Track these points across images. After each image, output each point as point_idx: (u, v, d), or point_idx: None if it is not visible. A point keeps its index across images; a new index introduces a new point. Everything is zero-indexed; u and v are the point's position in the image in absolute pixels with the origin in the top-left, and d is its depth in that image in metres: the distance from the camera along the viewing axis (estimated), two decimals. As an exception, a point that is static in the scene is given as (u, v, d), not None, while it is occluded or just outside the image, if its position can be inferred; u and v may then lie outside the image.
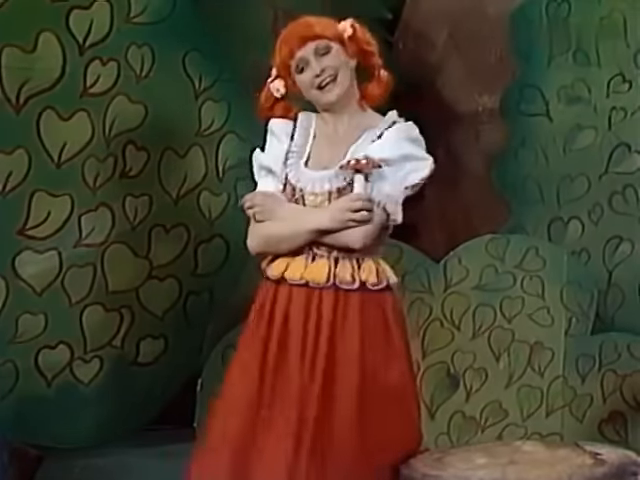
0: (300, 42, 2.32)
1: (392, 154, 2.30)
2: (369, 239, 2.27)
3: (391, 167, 2.28)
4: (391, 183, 2.28)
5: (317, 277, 2.27)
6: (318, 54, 2.33)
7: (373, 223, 2.25)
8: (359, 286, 2.26)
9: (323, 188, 2.31)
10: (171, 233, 3.17)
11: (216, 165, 3.20)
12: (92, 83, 3.00)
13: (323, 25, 2.33)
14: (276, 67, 2.42)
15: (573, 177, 3.57)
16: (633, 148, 3.50)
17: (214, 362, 3.34)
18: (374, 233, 2.27)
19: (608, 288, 3.51)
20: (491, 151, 3.60)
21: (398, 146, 2.31)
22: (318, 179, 2.32)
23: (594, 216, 3.56)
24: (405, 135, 2.34)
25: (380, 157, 2.27)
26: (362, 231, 2.25)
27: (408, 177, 2.30)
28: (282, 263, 2.33)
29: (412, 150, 2.31)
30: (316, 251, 2.29)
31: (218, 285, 3.26)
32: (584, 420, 3.37)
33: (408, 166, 2.30)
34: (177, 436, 3.29)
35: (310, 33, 2.32)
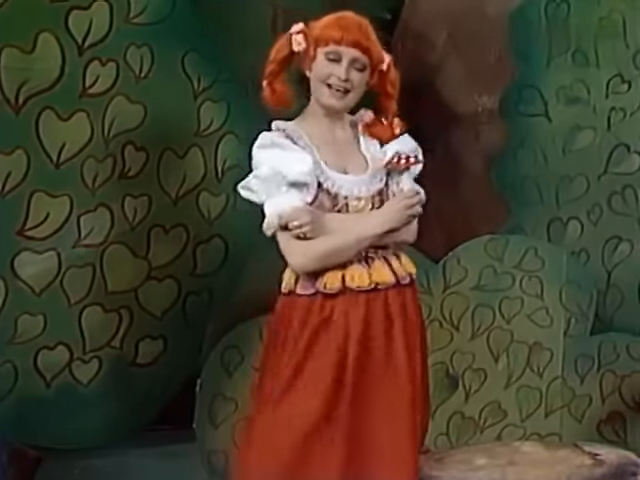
0: (353, 43, 2.33)
1: (407, 148, 2.41)
2: (417, 231, 2.40)
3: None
4: (409, 175, 2.39)
5: (385, 279, 2.33)
6: (353, 64, 2.34)
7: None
8: (410, 280, 2.35)
9: (367, 192, 2.35)
10: (170, 233, 3.17)
11: (215, 165, 3.20)
12: (91, 83, 3.00)
13: (376, 45, 2.36)
14: (312, 28, 2.40)
15: (572, 177, 3.57)
16: (632, 148, 3.50)
17: (213, 362, 3.36)
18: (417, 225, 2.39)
19: (607, 288, 3.51)
20: (490, 151, 3.59)
21: (405, 140, 2.42)
22: (357, 183, 2.35)
23: (593, 216, 3.56)
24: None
25: (409, 149, 2.40)
26: (414, 224, 2.36)
27: (415, 170, 2.41)
28: (336, 275, 2.34)
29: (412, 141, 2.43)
30: (369, 254, 2.34)
31: (217, 285, 3.26)
32: (583, 420, 3.38)
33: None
34: (176, 436, 3.33)
35: (365, 44, 2.34)
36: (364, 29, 2.35)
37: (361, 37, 2.33)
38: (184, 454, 3.30)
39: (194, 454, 3.31)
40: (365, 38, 2.34)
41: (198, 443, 3.33)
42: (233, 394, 3.33)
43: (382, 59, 2.38)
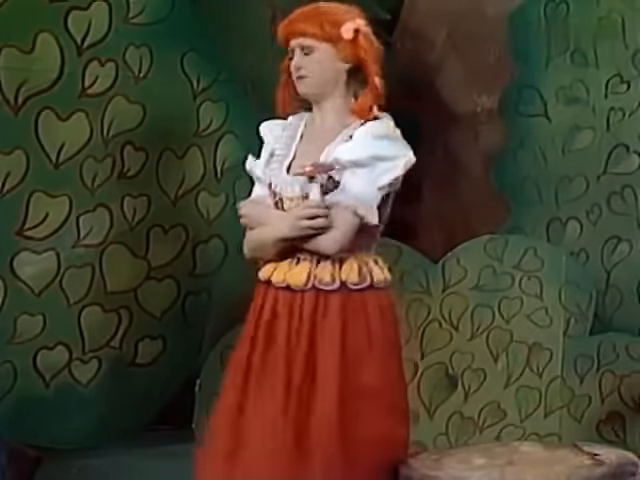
0: (292, 33, 2.33)
1: (361, 155, 2.29)
2: (341, 244, 2.27)
3: (362, 168, 2.27)
4: (362, 185, 2.27)
5: (297, 280, 2.31)
6: (303, 51, 2.34)
7: (343, 227, 2.25)
8: (339, 286, 2.28)
9: (295, 192, 2.32)
10: (169, 233, 3.16)
11: (214, 165, 3.19)
12: (90, 84, 3.00)
13: (319, 22, 2.31)
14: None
15: (571, 177, 3.56)
16: (631, 148, 3.50)
17: (213, 362, 3.33)
18: (345, 237, 2.27)
19: (606, 288, 3.51)
20: (490, 151, 3.59)
21: (367, 146, 2.29)
22: (291, 183, 2.33)
23: (592, 216, 3.56)
24: (375, 133, 2.31)
25: (349, 159, 2.26)
26: (331, 237, 2.27)
27: (381, 178, 2.28)
28: (270, 267, 2.38)
29: (383, 149, 2.29)
30: (299, 255, 2.32)
31: (216, 285, 3.26)
32: (582, 421, 3.37)
33: (380, 166, 2.29)
34: (176, 437, 3.29)
35: (302, 28, 2.31)
36: (305, 13, 2.33)
37: (298, 23, 2.32)
38: (183, 454, 3.11)
39: (193, 454, 3.10)
40: (302, 20, 2.31)
41: (197, 443, 3.14)
42: None
43: (340, 30, 2.30)
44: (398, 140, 2.33)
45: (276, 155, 2.40)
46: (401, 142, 2.32)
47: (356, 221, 2.25)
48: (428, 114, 3.60)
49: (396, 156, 2.29)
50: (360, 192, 2.26)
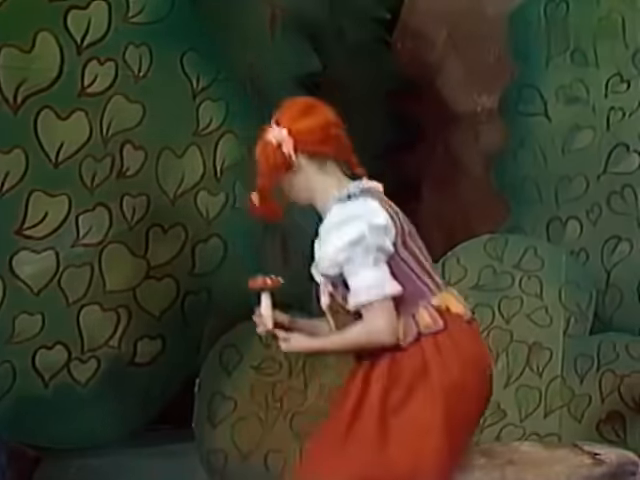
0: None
1: (331, 262, 2.32)
2: (390, 330, 2.32)
3: (347, 263, 2.30)
4: (360, 272, 2.29)
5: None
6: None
7: (381, 317, 2.30)
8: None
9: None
10: (168, 233, 3.16)
11: (214, 165, 3.19)
12: (90, 83, 2.99)
13: (263, 167, 2.35)
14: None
15: (571, 177, 3.56)
16: (631, 148, 3.49)
17: (212, 362, 3.36)
18: (389, 323, 2.32)
19: (606, 288, 3.51)
20: (490, 151, 3.59)
21: (329, 250, 2.32)
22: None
23: (592, 216, 3.55)
24: (329, 230, 2.33)
25: (327, 271, 2.32)
26: (381, 331, 2.31)
27: (367, 260, 2.29)
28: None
29: (341, 239, 2.30)
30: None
31: (216, 285, 3.25)
32: (582, 420, 3.36)
33: (356, 253, 2.30)
34: (175, 436, 3.33)
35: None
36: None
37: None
38: (183, 453, 3.29)
39: (193, 453, 3.31)
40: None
41: (197, 442, 3.33)
42: (232, 393, 3.33)
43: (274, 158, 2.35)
44: (351, 216, 2.32)
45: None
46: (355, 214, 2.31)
47: (386, 303, 2.30)
48: (428, 114, 3.60)
49: (360, 235, 2.30)
50: (364, 279, 2.29)
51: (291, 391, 3.34)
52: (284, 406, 3.33)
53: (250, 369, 3.34)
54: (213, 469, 3.35)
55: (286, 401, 3.33)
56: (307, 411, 3.32)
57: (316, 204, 2.40)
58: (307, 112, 2.36)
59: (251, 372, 3.34)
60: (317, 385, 3.35)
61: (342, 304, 2.36)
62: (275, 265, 3.49)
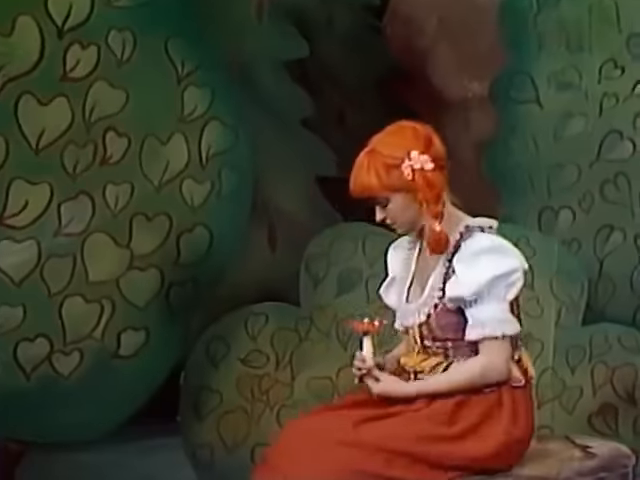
0: (359, 193, 2.31)
1: (474, 288, 2.28)
2: (504, 370, 2.32)
3: (485, 295, 2.28)
4: (493, 307, 2.28)
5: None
6: (379, 204, 2.34)
7: (499, 355, 2.30)
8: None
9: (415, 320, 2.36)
10: (153, 222, 3.12)
11: (199, 152, 3.15)
12: (72, 67, 2.95)
13: (376, 174, 2.28)
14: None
15: (563, 165, 3.53)
16: (625, 135, 3.46)
17: (198, 354, 3.35)
18: (504, 363, 2.31)
19: (599, 278, 3.49)
20: (480, 139, 3.56)
21: (477, 274, 2.29)
22: (412, 312, 2.37)
23: (585, 205, 3.53)
24: (477, 255, 2.30)
25: (470, 293, 2.27)
26: (496, 370, 2.31)
27: (506, 295, 2.29)
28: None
29: (496, 267, 2.28)
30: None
31: (202, 275, 3.22)
32: (574, 413, 3.34)
33: (500, 284, 2.29)
34: (161, 430, 3.30)
35: (361, 189, 2.30)
36: (360, 165, 2.31)
37: (359, 179, 2.31)
38: (169, 448, 3.28)
39: (179, 448, 3.30)
40: (361, 175, 2.30)
41: (183, 437, 3.32)
42: (218, 386, 3.32)
43: (397, 174, 2.29)
44: (502, 246, 2.33)
45: (397, 280, 2.43)
46: (505, 249, 2.31)
47: (507, 342, 2.29)
48: (418, 101, 3.57)
49: (512, 269, 2.29)
50: (494, 314, 2.28)
51: (278, 384, 3.32)
52: (271, 399, 3.32)
53: (237, 362, 3.33)
54: (200, 463, 3.33)
55: (273, 394, 3.32)
56: (294, 405, 3.30)
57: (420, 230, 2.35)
58: (432, 137, 2.35)
59: (238, 365, 3.32)
60: (304, 378, 3.33)
61: (434, 330, 2.32)
62: (262, 255, 3.49)
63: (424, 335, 2.35)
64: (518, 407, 2.34)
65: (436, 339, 2.34)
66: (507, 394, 2.33)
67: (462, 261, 2.31)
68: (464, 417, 2.29)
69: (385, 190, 2.29)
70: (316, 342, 3.35)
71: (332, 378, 3.31)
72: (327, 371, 3.31)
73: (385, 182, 2.28)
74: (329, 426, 2.27)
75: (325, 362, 3.31)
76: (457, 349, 2.34)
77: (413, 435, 2.25)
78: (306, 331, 3.36)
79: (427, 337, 2.35)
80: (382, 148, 2.30)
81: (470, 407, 2.30)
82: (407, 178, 2.28)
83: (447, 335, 2.33)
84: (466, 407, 2.30)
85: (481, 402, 2.31)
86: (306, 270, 3.39)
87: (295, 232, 3.51)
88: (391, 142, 2.31)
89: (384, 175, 2.28)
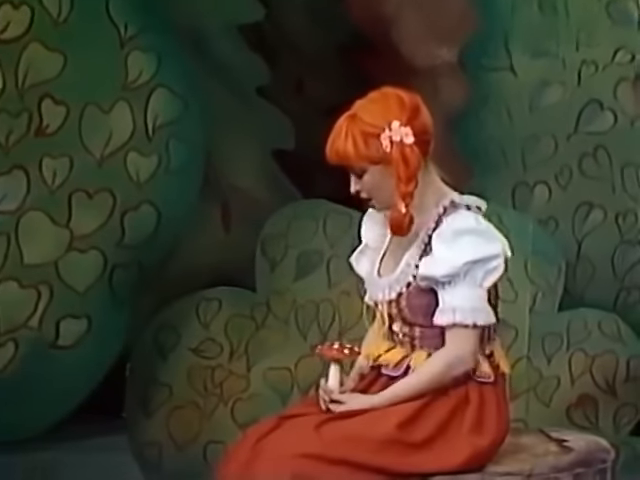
0: (335, 160, 2.23)
1: (449, 269, 2.22)
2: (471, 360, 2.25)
3: (460, 278, 2.21)
4: (467, 292, 2.23)
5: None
6: (354, 174, 2.26)
7: (467, 346, 2.23)
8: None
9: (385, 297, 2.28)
10: (94, 199, 3.09)
11: (145, 122, 3.11)
12: (2, 29, 2.90)
13: (353, 143, 2.21)
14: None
15: (539, 137, 3.51)
16: (605, 105, 3.46)
17: (145, 344, 3.33)
18: (472, 353, 2.24)
19: (577, 260, 3.49)
20: (450, 109, 3.55)
21: (455, 255, 2.23)
22: (382, 287, 2.28)
23: (562, 180, 3.52)
24: (459, 234, 2.24)
25: (442, 274, 2.21)
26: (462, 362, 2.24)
27: (483, 282, 2.23)
28: None
29: (477, 250, 2.22)
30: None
31: (148, 257, 3.18)
32: (551, 405, 3.33)
33: (478, 269, 2.23)
34: (105, 428, 3.28)
35: (337, 156, 2.22)
36: (340, 130, 2.24)
37: (336, 145, 2.24)
38: (113, 447, 3.27)
39: (124, 447, 3.28)
40: (339, 141, 2.23)
41: (129, 435, 3.30)
42: (168, 379, 3.30)
43: (375, 146, 2.21)
44: (489, 232, 2.27)
45: (370, 249, 2.35)
46: (490, 233, 2.25)
47: (477, 332, 2.23)
48: (382, 69, 3.53)
49: (492, 254, 2.23)
50: (467, 301, 2.22)
51: (232, 376, 3.30)
52: (225, 393, 3.30)
53: (188, 352, 3.31)
54: (147, 463, 3.31)
55: (227, 387, 3.30)
56: (250, 398, 3.28)
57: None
58: (419, 107, 2.30)
59: (189, 355, 3.30)
60: (261, 370, 3.31)
61: (403, 310, 2.26)
62: (215, 235, 3.44)
63: (392, 315, 2.29)
64: (486, 406, 2.27)
65: (405, 322, 2.28)
66: (474, 391, 2.26)
67: (441, 238, 2.24)
68: (430, 420, 2.23)
69: (361, 160, 2.22)
70: (273, 330, 3.33)
71: (291, 369, 3.29)
72: (285, 361, 3.29)
73: (362, 152, 2.22)
74: (289, 436, 2.21)
75: (283, 352, 3.30)
76: (425, 339, 2.27)
77: (376, 440, 2.19)
78: (263, 318, 3.34)
79: (395, 318, 2.28)
80: (363, 114, 2.24)
81: (436, 408, 2.24)
82: (385, 150, 2.21)
83: (416, 319, 2.26)
84: (432, 408, 2.24)
85: (447, 402, 2.25)
86: (262, 252, 3.36)
87: (251, 210, 3.49)
88: (373, 109, 2.25)
89: (362, 144, 2.22)
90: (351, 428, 2.20)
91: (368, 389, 2.30)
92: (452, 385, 2.24)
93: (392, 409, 2.23)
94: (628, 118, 3.47)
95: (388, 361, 2.29)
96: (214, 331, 3.30)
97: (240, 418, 3.25)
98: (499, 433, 2.28)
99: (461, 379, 2.24)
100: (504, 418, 2.31)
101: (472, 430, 2.24)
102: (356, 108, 2.25)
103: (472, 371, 2.25)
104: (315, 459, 2.17)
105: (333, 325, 3.32)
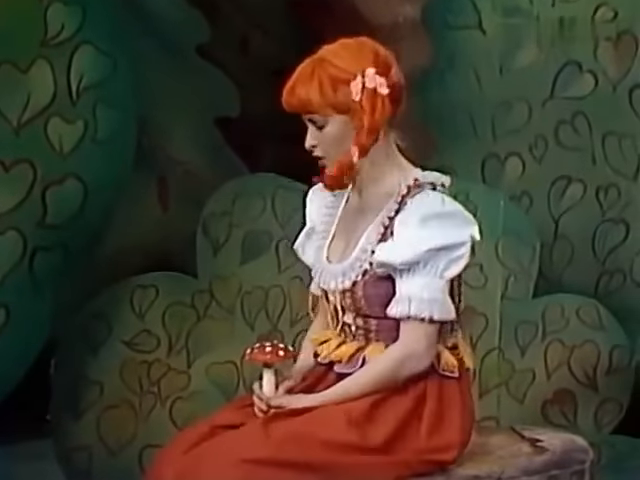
0: (295, 107, 2.18)
1: (408, 255, 2.18)
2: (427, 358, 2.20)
3: (420, 267, 2.16)
4: (426, 283, 2.19)
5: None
6: (312, 124, 2.20)
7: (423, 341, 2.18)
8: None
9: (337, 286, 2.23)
10: (11, 172, 3.01)
11: (68, 84, 3.04)
12: None
13: (319, 88, 2.17)
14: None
15: (511, 104, 3.51)
16: (585, 67, 3.46)
17: (73, 337, 3.31)
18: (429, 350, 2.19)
19: (554, 240, 3.48)
20: (412, 73, 3.50)
21: (416, 240, 2.19)
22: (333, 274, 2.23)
23: (537, 152, 3.51)
24: (424, 219, 2.19)
25: (401, 261, 2.15)
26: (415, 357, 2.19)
27: (445, 272, 2.20)
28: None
29: (441, 235, 2.19)
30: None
31: (74, 239, 3.11)
32: (525, 401, 3.33)
33: (441, 258, 2.20)
34: (26, 432, 3.25)
35: (297, 101, 2.17)
36: (304, 73, 2.20)
37: (297, 89, 2.19)
38: (36, 453, 3.24)
39: (50, 453, 3.25)
40: (302, 85, 2.19)
41: (54, 439, 3.27)
42: (98, 376, 3.28)
43: (344, 92, 2.17)
44: (457, 215, 2.23)
45: (316, 233, 2.30)
46: (458, 217, 2.20)
47: (432, 328, 2.17)
48: (336, 26, 3.50)
49: (461, 243, 2.18)
50: (426, 291, 2.16)
51: (171, 372, 3.29)
52: (162, 391, 3.28)
53: (120, 345, 3.29)
54: (75, 470, 3.28)
55: (165, 384, 3.29)
56: (191, 397, 3.27)
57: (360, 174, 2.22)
58: (394, 63, 2.27)
59: (122, 349, 3.28)
60: (203, 365, 3.29)
61: (358, 301, 2.20)
62: (151, 214, 3.41)
63: (345, 307, 2.22)
64: (448, 402, 2.21)
65: (359, 313, 2.21)
66: (434, 386, 2.20)
67: (404, 222, 2.19)
68: (382, 421, 2.17)
69: (326, 108, 2.18)
70: (217, 320, 3.31)
71: (236, 364, 3.26)
72: (230, 355, 3.27)
73: (329, 98, 2.17)
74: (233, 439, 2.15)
75: (228, 344, 3.28)
76: (381, 331, 2.21)
77: (325, 441, 2.13)
78: (205, 307, 3.31)
79: (349, 309, 2.22)
80: (333, 58, 2.20)
81: (392, 405, 2.18)
82: (354, 97, 2.17)
83: (373, 310, 2.20)
84: (384, 407, 2.18)
85: (402, 399, 2.19)
86: (204, 232, 3.33)
87: (191, 186, 3.46)
88: (345, 55, 2.22)
89: (329, 90, 2.17)
90: (301, 428, 2.14)
91: (314, 388, 2.24)
92: (411, 380, 2.17)
93: (344, 407, 2.16)
94: (610, 82, 3.47)
95: (340, 356, 2.23)
96: (150, 322, 3.28)
97: (180, 419, 3.23)
98: (462, 434, 2.22)
99: (422, 373, 2.18)
100: (468, 418, 2.24)
101: (432, 430, 2.17)
102: (325, 52, 2.22)
103: (435, 363, 2.19)
104: (265, 464, 2.10)
105: (283, 314, 3.29)
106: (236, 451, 2.11)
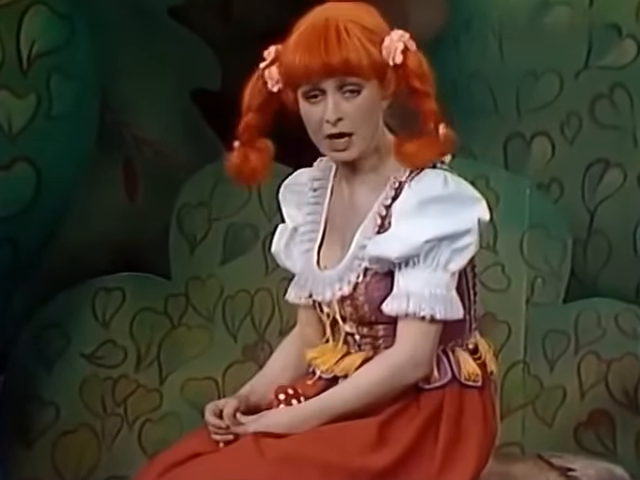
0: (324, 70, 2.18)
1: (406, 248, 2.20)
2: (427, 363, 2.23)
3: (420, 259, 2.18)
4: (427, 278, 2.20)
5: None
6: (341, 92, 2.19)
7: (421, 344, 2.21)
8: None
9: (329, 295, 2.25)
10: None
11: (18, 51, 3.06)
12: None
13: (364, 48, 2.18)
14: (279, 60, 2.25)
15: (539, 75, 3.51)
16: (624, 31, 3.45)
17: (24, 349, 3.33)
18: (427, 353, 2.21)
19: (589, 236, 3.49)
20: (423, 38, 3.51)
21: (415, 230, 2.20)
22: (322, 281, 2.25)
23: (569, 131, 3.52)
24: (423, 204, 2.21)
25: (397, 255, 2.17)
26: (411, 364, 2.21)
27: (449, 265, 2.21)
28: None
29: (442, 223, 2.20)
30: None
31: (25, 234, 3.15)
32: (554, 424, 3.36)
33: (443, 249, 2.21)
34: None
35: (340, 61, 2.17)
36: (332, 37, 2.19)
37: (332, 54, 2.19)
38: None
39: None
40: (337, 51, 2.19)
41: (2, 470, 3.28)
42: (54, 395, 3.31)
43: (386, 53, 2.21)
44: (461, 196, 2.25)
45: (300, 234, 2.31)
46: (462, 199, 2.22)
47: (434, 328, 2.19)
48: None
49: (466, 230, 2.19)
50: (426, 286, 2.18)
51: (140, 390, 3.32)
52: (130, 412, 3.31)
53: (80, 359, 3.32)
54: None
55: (133, 405, 3.31)
56: (163, 419, 3.31)
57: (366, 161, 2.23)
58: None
59: (82, 363, 3.32)
60: (178, 381, 3.32)
61: (361, 307, 2.21)
62: (116, 204, 3.43)
63: (346, 316, 2.23)
64: (464, 422, 2.22)
65: (363, 322, 2.22)
66: (452, 398, 2.21)
67: (402, 210, 2.21)
68: (392, 442, 2.18)
69: (371, 69, 2.19)
70: (194, 329, 3.34)
71: (217, 380, 3.30)
72: (209, 370, 3.31)
73: (376, 58, 2.18)
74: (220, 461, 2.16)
75: (207, 358, 3.32)
76: (390, 337, 2.21)
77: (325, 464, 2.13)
78: (180, 314, 3.35)
79: (350, 318, 2.23)
80: (360, 19, 2.22)
81: (402, 424, 2.19)
82: (396, 60, 2.21)
83: (378, 314, 2.20)
84: (396, 425, 2.19)
85: (416, 416, 2.19)
86: (179, 226, 3.36)
87: (163, 171, 3.48)
88: (365, 16, 2.24)
89: (373, 49, 2.19)
90: (298, 448, 2.14)
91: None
92: (427, 390, 2.18)
93: (349, 425, 2.17)
94: (655, 49, 3.53)
95: (346, 370, 2.23)
96: (116, 331, 3.31)
97: (150, 445, 3.27)
98: (479, 459, 2.22)
99: (440, 383, 2.19)
100: (489, 436, 2.26)
101: (446, 457, 2.18)
102: (341, 12, 2.21)
103: (456, 370, 2.20)
104: None
105: (271, 322, 3.31)
106: (227, 470, 2.11)
